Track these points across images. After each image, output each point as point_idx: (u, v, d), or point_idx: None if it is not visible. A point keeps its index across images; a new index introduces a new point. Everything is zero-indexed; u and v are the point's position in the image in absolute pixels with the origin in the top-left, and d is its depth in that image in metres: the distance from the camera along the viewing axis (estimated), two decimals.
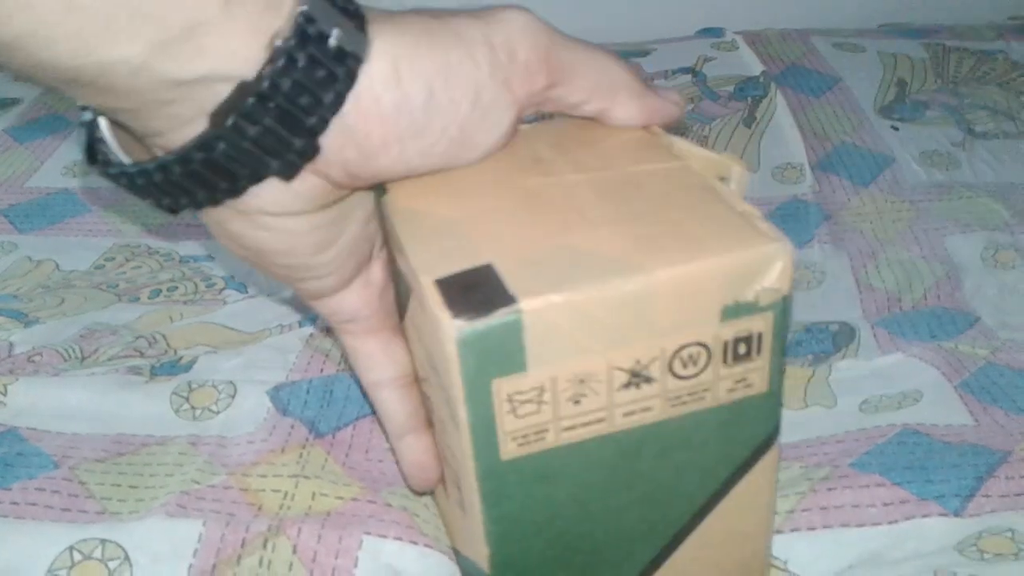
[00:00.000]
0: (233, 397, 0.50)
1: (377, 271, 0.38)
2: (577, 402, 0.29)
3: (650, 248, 0.28)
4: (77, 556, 0.40)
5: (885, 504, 0.41)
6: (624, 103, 0.35)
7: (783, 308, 0.29)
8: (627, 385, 0.29)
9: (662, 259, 0.28)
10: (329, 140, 0.30)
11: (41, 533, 0.41)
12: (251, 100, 0.28)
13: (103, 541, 0.41)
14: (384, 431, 0.41)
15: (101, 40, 0.26)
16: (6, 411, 0.49)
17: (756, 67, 0.85)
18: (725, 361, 0.30)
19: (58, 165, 0.76)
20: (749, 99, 0.81)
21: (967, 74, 0.84)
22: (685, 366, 0.29)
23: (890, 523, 0.41)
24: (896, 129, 0.76)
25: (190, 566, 0.40)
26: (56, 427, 0.48)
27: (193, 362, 0.52)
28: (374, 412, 0.48)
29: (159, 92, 0.27)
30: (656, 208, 0.30)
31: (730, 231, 0.29)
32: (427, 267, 0.29)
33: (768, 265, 0.28)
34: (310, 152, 0.30)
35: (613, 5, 0.97)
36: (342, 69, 0.29)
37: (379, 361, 0.39)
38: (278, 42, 0.28)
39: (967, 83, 0.83)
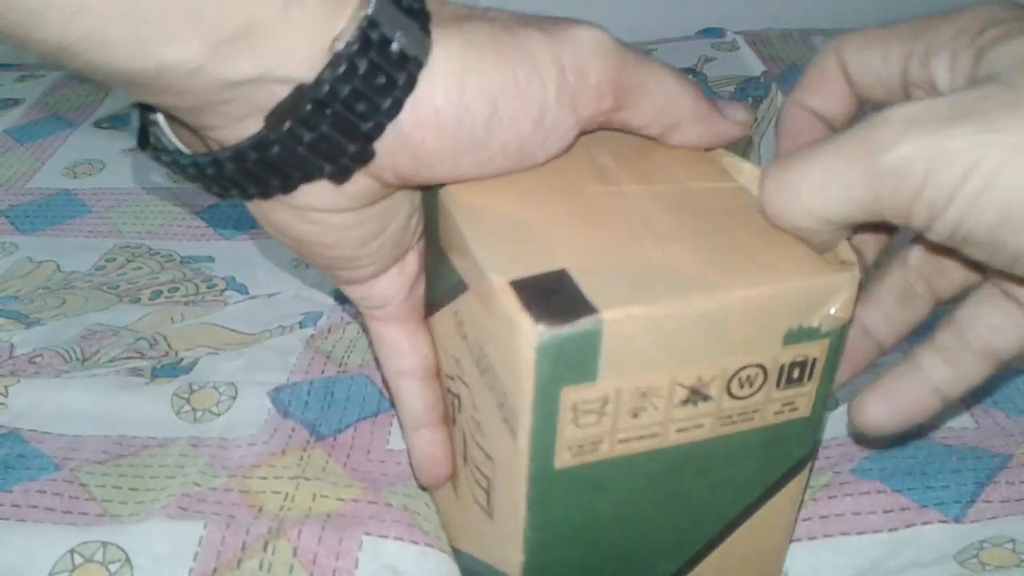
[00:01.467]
0: (234, 399, 0.50)
1: (412, 261, 0.37)
2: (636, 415, 0.29)
3: (723, 268, 0.28)
4: (78, 559, 0.40)
5: (885, 511, 0.41)
6: (686, 128, 0.34)
7: (840, 335, 0.29)
8: (685, 402, 0.29)
9: (737, 280, 0.28)
10: (383, 145, 0.29)
11: (42, 535, 0.41)
12: (308, 106, 0.28)
13: (104, 544, 0.41)
14: (400, 421, 0.41)
15: (157, 43, 0.25)
16: (7, 413, 0.49)
17: (757, 67, 0.85)
18: (779, 384, 0.30)
19: (59, 166, 0.76)
20: (750, 99, 0.81)
21: None
22: (742, 387, 0.29)
23: (890, 531, 0.41)
24: None
25: (191, 570, 0.40)
26: (57, 429, 0.48)
27: (194, 363, 0.52)
28: (376, 413, 0.49)
29: (215, 93, 0.27)
30: (721, 227, 0.30)
31: (799, 257, 0.29)
32: (498, 267, 0.28)
33: (836, 292, 0.28)
34: (364, 157, 0.30)
35: (613, 5, 0.97)
36: (403, 74, 0.28)
37: (403, 350, 0.39)
38: (339, 46, 0.27)
39: None
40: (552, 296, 0.27)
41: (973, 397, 0.48)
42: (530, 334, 0.26)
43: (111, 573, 0.40)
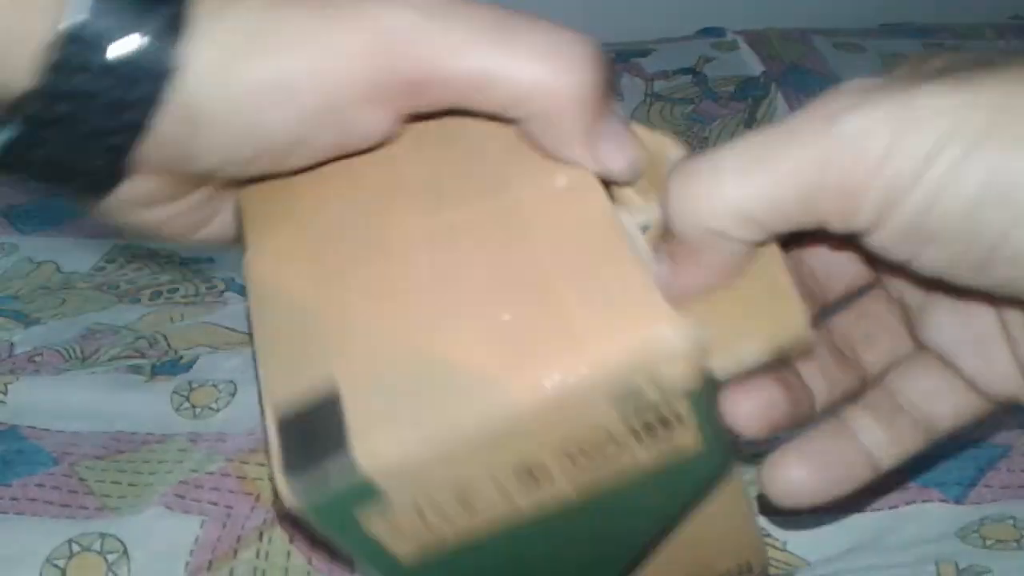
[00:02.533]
0: (233, 396, 0.50)
1: None
2: (466, 504, 0.25)
3: (520, 350, 0.24)
4: (76, 548, 0.40)
5: (886, 491, 0.41)
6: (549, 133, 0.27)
7: (704, 383, 0.24)
8: (522, 486, 0.25)
9: (527, 375, 0.23)
10: (143, 152, 0.25)
11: (40, 527, 0.41)
12: (22, 126, 0.24)
13: (102, 535, 0.41)
14: None
15: None
16: (6, 410, 0.49)
17: (756, 67, 0.85)
18: (639, 439, 0.25)
19: None
20: (749, 99, 0.81)
21: None
22: (586, 454, 0.25)
23: (891, 508, 0.41)
24: None
25: (187, 562, 0.40)
26: (56, 425, 0.48)
27: (193, 362, 0.52)
28: None
29: None
30: (541, 272, 0.25)
31: (625, 312, 0.24)
32: (275, 388, 0.25)
33: (667, 361, 0.23)
34: (117, 175, 0.26)
35: (613, 5, 0.97)
36: (141, 88, 0.24)
37: None
38: (50, 55, 0.23)
39: None
40: (313, 442, 0.24)
41: None
42: (289, 499, 0.24)
43: (109, 563, 0.40)
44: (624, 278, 0.24)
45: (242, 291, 0.60)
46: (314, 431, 0.24)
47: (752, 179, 0.23)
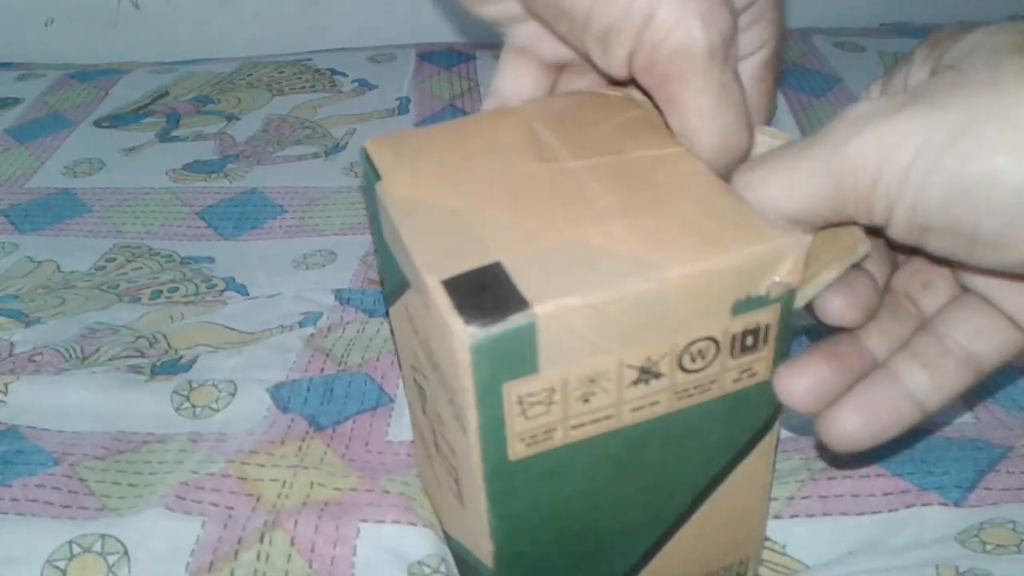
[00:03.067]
0: (233, 395, 0.50)
1: None
2: (586, 400, 0.28)
3: (663, 245, 0.28)
4: (76, 549, 0.40)
5: (885, 493, 0.41)
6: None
7: (789, 299, 0.29)
8: (636, 382, 0.29)
9: (676, 257, 0.27)
10: None
11: (40, 528, 0.41)
12: None
13: (103, 536, 0.41)
14: None
15: None
16: (6, 409, 0.49)
17: None
18: (732, 353, 0.30)
19: (58, 165, 0.76)
20: None
21: None
22: (694, 360, 0.29)
23: (890, 511, 0.41)
24: None
25: (187, 564, 0.40)
26: (56, 425, 0.48)
27: (193, 361, 0.52)
28: (375, 406, 0.49)
29: None
30: (664, 199, 0.30)
31: (742, 225, 0.28)
32: (432, 265, 0.27)
33: (780, 260, 0.28)
34: None
35: None
36: None
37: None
38: None
39: None
40: (484, 293, 0.26)
41: (973, 395, 0.48)
42: (463, 336, 0.26)
43: (109, 564, 0.40)
44: (739, 207, 0.29)
45: (242, 290, 0.60)
46: (482, 287, 0.27)
47: (796, 192, 0.28)
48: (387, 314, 0.56)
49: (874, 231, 0.29)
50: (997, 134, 0.25)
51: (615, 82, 0.35)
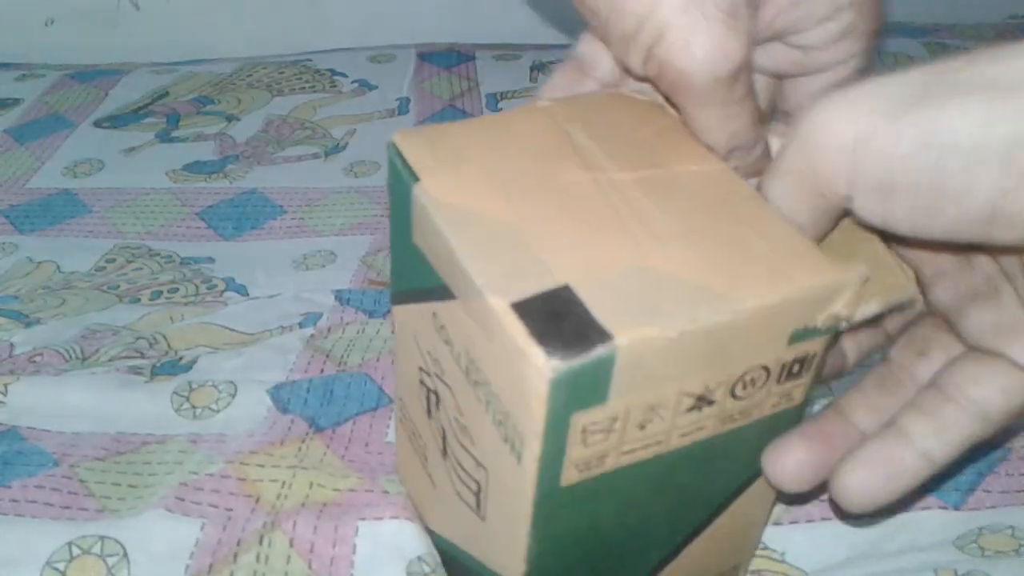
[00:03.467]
0: (233, 396, 0.50)
1: None
2: (643, 427, 0.28)
3: (728, 273, 0.27)
4: (76, 551, 0.40)
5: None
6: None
7: (837, 329, 0.29)
8: (690, 409, 0.28)
9: (747, 289, 0.27)
10: None
11: (40, 529, 0.41)
12: None
13: (102, 538, 0.41)
14: None
15: None
16: (6, 410, 0.49)
17: None
18: (779, 380, 0.29)
19: (59, 166, 0.76)
20: None
21: None
22: (745, 387, 0.29)
23: (888, 516, 0.41)
24: None
25: (187, 566, 0.40)
26: (56, 426, 0.48)
27: (193, 362, 0.53)
28: (375, 408, 0.49)
29: None
30: (717, 221, 0.29)
31: (801, 255, 0.28)
32: (496, 286, 0.26)
33: (840, 293, 0.28)
34: None
35: None
36: None
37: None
38: None
39: None
40: (560, 321, 0.25)
41: None
42: (543, 368, 0.24)
43: (108, 566, 0.40)
44: (791, 232, 0.29)
45: (242, 291, 0.60)
46: (556, 313, 0.25)
47: (786, 195, 0.29)
48: (387, 313, 0.56)
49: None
50: (964, 80, 0.25)
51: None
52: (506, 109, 0.82)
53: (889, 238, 0.31)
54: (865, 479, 0.31)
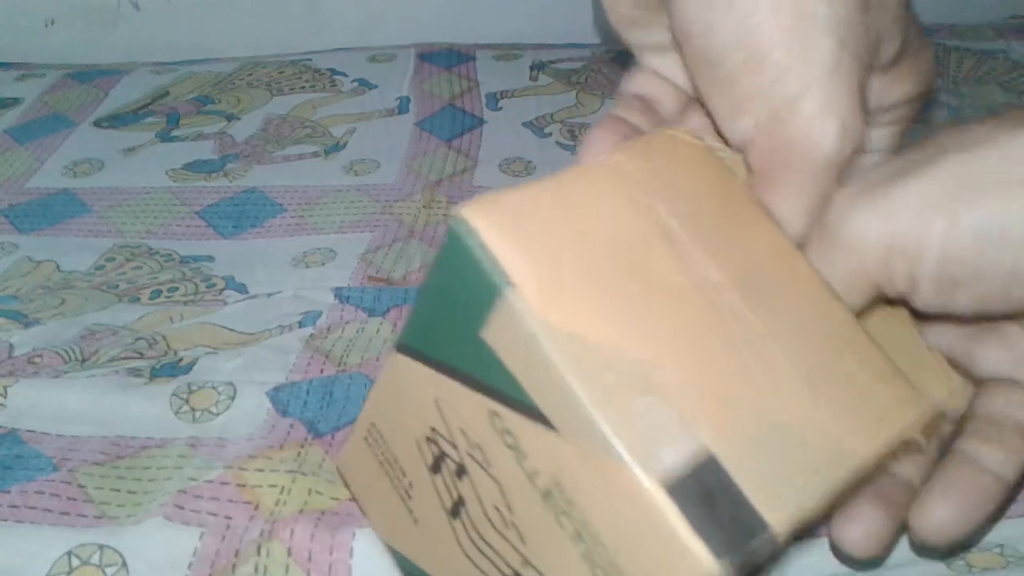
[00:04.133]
0: (233, 398, 0.50)
1: None
2: None
3: (844, 418, 0.27)
4: (75, 561, 0.40)
5: None
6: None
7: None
8: None
9: (862, 437, 0.27)
10: None
11: (40, 536, 0.41)
12: None
13: (101, 547, 0.41)
14: None
15: None
16: (5, 413, 0.49)
17: None
18: None
19: (58, 165, 0.76)
20: None
21: (968, 74, 0.84)
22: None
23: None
24: None
25: None
26: (56, 429, 0.48)
27: (193, 363, 0.52)
28: None
29: None
30: (819, 346, 0.28)
31: (897, 389, 0.28)
32: (639, 451, 0.24)
33: (922, 422, 0.28)
34: None
35: None
36: None
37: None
38: None
39: (968, 83, 0.83)
40: (714, 504, 0.24)
41: None
42: (707, 564, 0.23)
43: None
44: (885, 358, 0.29)
45: (241, 289, 0.60)
46: (709, 494, 0.24)
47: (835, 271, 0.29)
48: (386, 312, 0.56)
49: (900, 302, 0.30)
50: (992, 171, 0.26)
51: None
52: (506, 109, 0.82)
53: (912, 310, 0.31)
54: (950, 510, 0.30)
